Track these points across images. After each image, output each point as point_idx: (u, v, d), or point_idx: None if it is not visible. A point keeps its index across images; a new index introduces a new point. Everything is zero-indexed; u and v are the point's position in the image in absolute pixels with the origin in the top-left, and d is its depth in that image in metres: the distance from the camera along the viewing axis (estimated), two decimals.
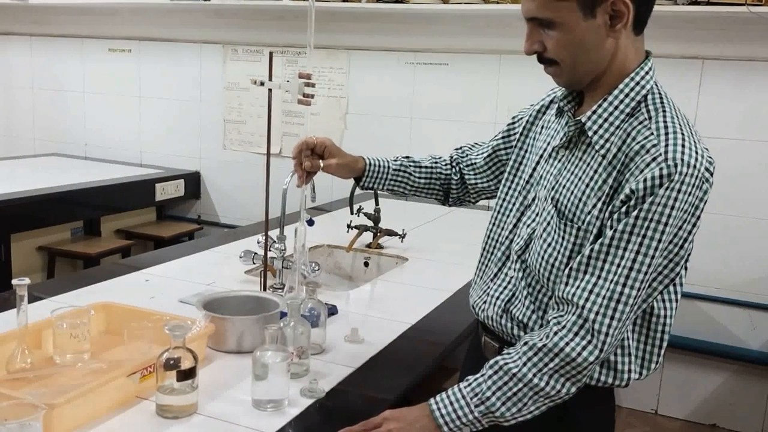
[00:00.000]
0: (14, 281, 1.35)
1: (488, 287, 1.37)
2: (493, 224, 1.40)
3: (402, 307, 1.96)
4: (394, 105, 3.79)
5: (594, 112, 1.21)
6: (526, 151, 1.40)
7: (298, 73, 1.71)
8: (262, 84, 1.75)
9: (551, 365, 1.14)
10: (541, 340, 1.15)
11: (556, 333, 1.14)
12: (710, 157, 1.16)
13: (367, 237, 2.62)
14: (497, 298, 1.33)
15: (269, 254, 1.95)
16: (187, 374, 1.24)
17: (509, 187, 1.39)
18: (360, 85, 3.87)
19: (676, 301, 1.24)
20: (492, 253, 1.38)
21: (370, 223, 2.61)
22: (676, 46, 3.14)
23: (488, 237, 1.40)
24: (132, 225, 4.04)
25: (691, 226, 1.16)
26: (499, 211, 1.40)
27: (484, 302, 1.37)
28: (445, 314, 1.93)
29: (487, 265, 1.39)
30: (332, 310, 1.83)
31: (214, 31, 4.14)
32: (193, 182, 4.33)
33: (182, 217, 4.41)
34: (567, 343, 1.13)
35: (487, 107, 3.50)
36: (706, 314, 3.28)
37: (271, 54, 1.77)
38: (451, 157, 1.63)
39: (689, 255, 1.23)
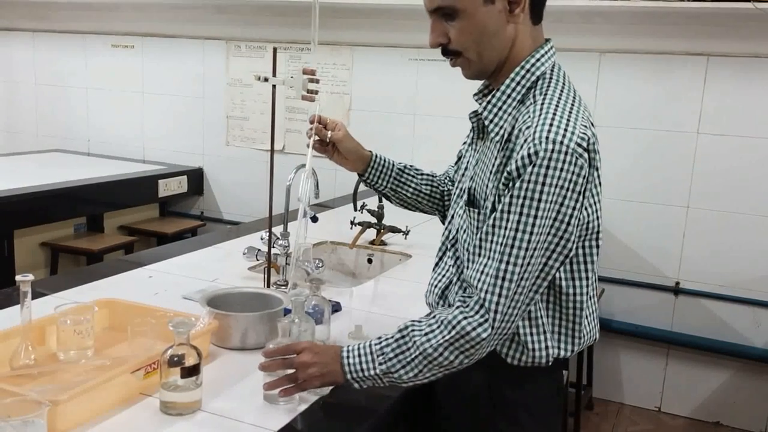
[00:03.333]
0: (18, 277, 1.35)
1: (432, 277, 1.44)
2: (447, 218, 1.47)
3: (405, 304, 1.96)
4: (397, 101, 3.78)
5: (489, 102, 1.28)
6: (469, 146, 1.45)
7: (302, 69, 1.71)
8: (266, 80, 1.74)
9: (447, 337, 1.19)
10: (445, 313, 1.21)
11: (458, 307, 1.20)
12: (584, 134, 1.17)
13: (371, 234, 2.62)
14: (436, 286, 1.41)
15: (273, 251, 1.95)
16: (191, 371, 1.24)
17: (456, 182, 1.45)
18: (363, 81, 3.86)
19: (587, 278, 1.28)
20: (439, 245, 1.45)
21: (373, 220, 2.61)
22: (681, 43, 3.13)
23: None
24: (135, 221, 4.04)
25: (573, 202, 1.17)
26: (451, 205, 1.46)
27: (428, 290, 1.44)
28: None
29: (435, 257, 1.46)
30: (336, 307, 1.83)
31: (217, 27, 4.13)
32: (196, 178, 4.33)
33: (185, 213, 4.41)
34: (465, 318, 1.18)
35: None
36: (710, 312, 3.28)
37: (275, 50, 1.76)
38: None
39: (598, 233, 1.26)
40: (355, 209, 2.56)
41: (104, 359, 1.42)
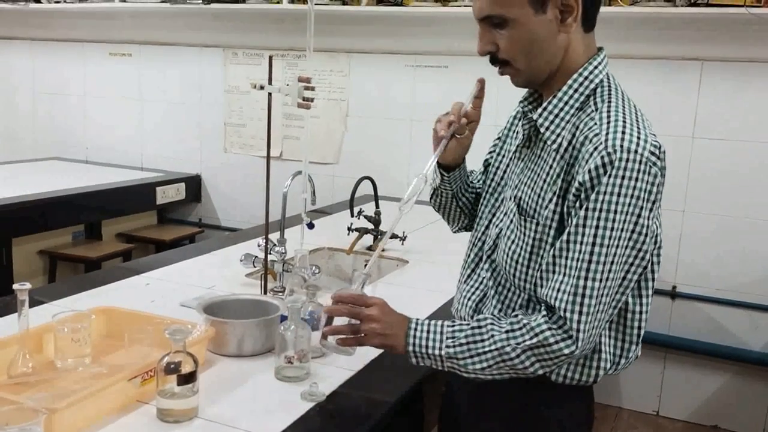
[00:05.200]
0: (15, 286, 1.35)
1: (463, 289, 1.40)
2: (474, 228, 1.43)
3: (403, 310, 1.94)
4: (394, 107, 3.80)
5: (545, 109, 1.24)
6: (502, 155, 1.43)
7: (297, 77, 1.72)
8: (261, 88, 1.76)
9: (528, 342, 1.16)
10: (529, 318, 1.18)
11: (543, 316, 1.17)
12: (656, 142, 1.16)
13: (368, 239, 2.62)
14: (469, 299, 1.37)
15: (270, 257, 1.96)
16: (188, 378, 1.24)
17: (486, 191, 1.42)
18: (360, 87, 3.87)
19: (650, 296, 1.25)
20: (468, 256, 1.41)
21: (370, 226, 2.62)
22: (675, 48, 3.15)
23: (469, 241, 1.43)
24: (133, 228, 4.04)
25: (648, 212, 1.15)
26: (478, 215, 1.43)
27: (459, 303, 1.40)
28: (446, 316, 1.93)
29: (464, 268, 1.42)
30: None
31: (214, 35, 4.15)
32: (194, 185, 4.33)
33: (183, 220, 4.42)
34: (549, 329, 1.15)
35: (487, 109, 3.48)
36: (708, 315, 3.28)
37: (270, 58, 1.77)
38: None
39: (660, 247, 1.23)
40: (352, 215, 2.57)
41: (101, 367, 1.42)
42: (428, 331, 1.23)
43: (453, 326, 1.23)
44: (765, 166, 3.10)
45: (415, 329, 1.24)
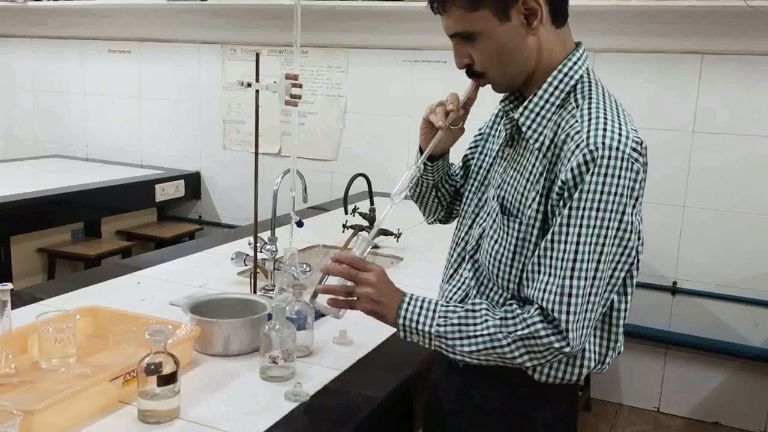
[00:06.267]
0: None
1: (445, 289, 1.38)
2: (456, 228, 1.42)
3: None
4: (392, 103, 3.78)
5: (525, 108, 1.23)
6: (485, 155, 1.41)
7: (284, 74, 1.71)
8: (249, 85, 1.75)
9: (520, 332, 1.15)
10: (523, 309, 1.17)
11: (536, 308, 1.15)
12: (637, 138, 1.15)
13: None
14: (451, 299, 1.35)
15: (261, 256, 1.95)
16: (168, 379, 1.23)
17: (469, 191, 1.41)
18: (358, 83, 3.85)
19: (632, 293, 1.24)
20: (451, 256, 1.40)
21: (365, 223, 2.61)
22: (675, 41, 3.12)
23: (452, 241, 1.42)
24: (132, 226, 4.05)
25: (631, 209, 1.14)
26: (461, 215, 1.42)
27: None
28: None
29: (447, 268, 1.41)
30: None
31: (213, 31, 4.14)
32: (193, 182, 4.33)
33: (183, 217, 4.42)
34: (541, 321, 1.14)
35: (484, 105, 3.47)
36: (708, 311, 3.26)
37: (258, 55, 1.76)
38: None
39: (642, 243, 1.22)
40: (346, 213, 2.56)
41: (85, 367, 1.42)
42: (420, 307, 1.23)
43: (447, 306, 1.22)
44: (763, 161, 3.07)
45: (409, 303, 1.23)
